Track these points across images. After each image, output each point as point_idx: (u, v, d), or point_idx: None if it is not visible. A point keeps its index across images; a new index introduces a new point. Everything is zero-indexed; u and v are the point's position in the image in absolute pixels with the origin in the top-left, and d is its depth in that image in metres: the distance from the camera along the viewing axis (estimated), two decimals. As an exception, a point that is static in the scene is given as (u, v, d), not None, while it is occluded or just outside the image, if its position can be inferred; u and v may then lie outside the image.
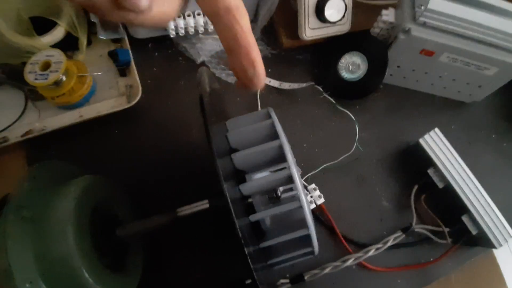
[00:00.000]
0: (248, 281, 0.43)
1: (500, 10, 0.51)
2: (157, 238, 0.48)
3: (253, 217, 0.35)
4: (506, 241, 0.51)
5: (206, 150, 0.30)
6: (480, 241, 0.53)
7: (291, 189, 0.43)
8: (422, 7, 0.50)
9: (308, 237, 0.36)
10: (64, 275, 0.33)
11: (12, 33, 0.50)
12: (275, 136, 0.36)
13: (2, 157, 0.52)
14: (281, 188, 0.42)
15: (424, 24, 0.51)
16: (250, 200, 0.38)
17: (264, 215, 0.35)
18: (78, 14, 0.54)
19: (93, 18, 0.53)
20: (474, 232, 0.52)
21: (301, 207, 0.34)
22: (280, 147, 0.35)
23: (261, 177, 0.35)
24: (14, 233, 0.32)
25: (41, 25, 0.53)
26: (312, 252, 0.39)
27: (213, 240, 0.49)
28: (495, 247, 0.51)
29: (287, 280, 0.49)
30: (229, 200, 0.28)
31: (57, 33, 0.53)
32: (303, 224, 0.35)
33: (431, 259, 0.52)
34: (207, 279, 0.48)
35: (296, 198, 0.35)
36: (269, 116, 0.38)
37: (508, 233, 0.51)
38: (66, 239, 0.32)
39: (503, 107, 0.63)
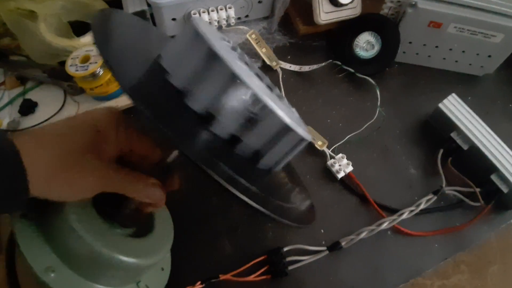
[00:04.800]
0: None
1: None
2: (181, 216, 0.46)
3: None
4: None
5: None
6: (513, 201, 0.53)
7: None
8: (426, -18, 0.55)
9: (286, 127, 0.31)
10: (83, 256, 0.33)
11: (53, 36, 0.55)
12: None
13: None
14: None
15: (429, -3, 0.55)
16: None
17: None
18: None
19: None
20: (505, 190, 0.52)
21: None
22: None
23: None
24: (23, 234, 0.32)
25: (80, 28, 0.58)
26: (301, 139, 0.32)
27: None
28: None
29: (325, 248, 0.49)
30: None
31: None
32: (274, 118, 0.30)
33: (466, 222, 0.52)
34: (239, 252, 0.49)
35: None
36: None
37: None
38: (74, 231, 0.32)
39: (515, 78, 0.65)
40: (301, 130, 0.31)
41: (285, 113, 0.29)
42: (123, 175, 0.31)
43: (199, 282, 0.44)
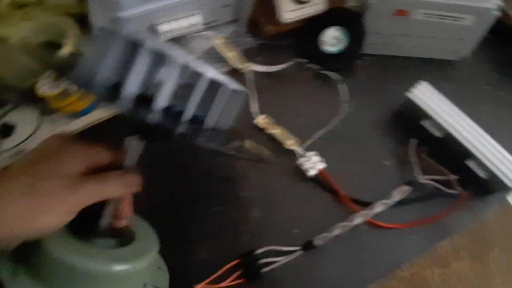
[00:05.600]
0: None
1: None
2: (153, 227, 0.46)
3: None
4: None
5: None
6: (494, 186, 0.52)
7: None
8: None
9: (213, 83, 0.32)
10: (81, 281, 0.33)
11: (28, 59, 0.57)
12: None
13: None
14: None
15: (391, -14, 0.54)
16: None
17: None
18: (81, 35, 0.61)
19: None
20: (483, 175, 0.51)
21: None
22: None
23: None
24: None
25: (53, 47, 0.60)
26: (239, 92, 0.35)
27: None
28: (509, 187, 0.50)
29: (299, 247, 0.49)
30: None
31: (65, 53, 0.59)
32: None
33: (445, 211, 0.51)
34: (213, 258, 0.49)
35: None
36: None
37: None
38: (62, 260, 0.31)
39: (492, 59, 0.64)
40: (232, 83, 0.33)
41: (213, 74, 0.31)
42: (94, 178, 0.32)
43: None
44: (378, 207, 0.50)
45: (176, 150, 0.53)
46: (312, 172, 0.53)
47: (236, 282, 0.47)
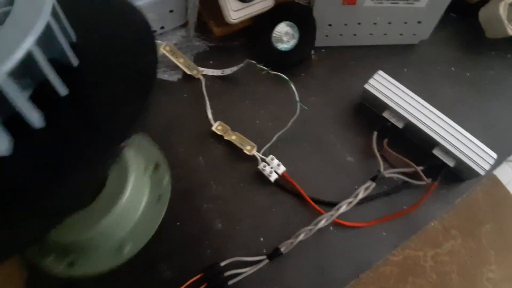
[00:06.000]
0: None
1: None
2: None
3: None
4: (489, 163, 0.48)
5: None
6: (463, 173, 0.50)
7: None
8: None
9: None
10: None
11: None
12: None
13: None
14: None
15: (333, -26, 0.52)
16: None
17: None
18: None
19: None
20: (450, 163, 0.49)
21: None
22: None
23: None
24: None
25: None
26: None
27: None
28: (479, 174, 0.48)
29: (264, 257, 0.47)
30: None
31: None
32: None
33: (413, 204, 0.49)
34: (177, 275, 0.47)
35: None
36: None
37: (489, 154, 0.48)
38: None
39: (454, 38, 0.61)
40: None
41: None
42: None
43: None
44: (343, 207, 0.48)
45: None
46: (273, 177, 0.51)
47: (201, 297, 0.45)
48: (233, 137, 0.53)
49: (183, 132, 0.55)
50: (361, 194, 0.49)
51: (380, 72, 0.52)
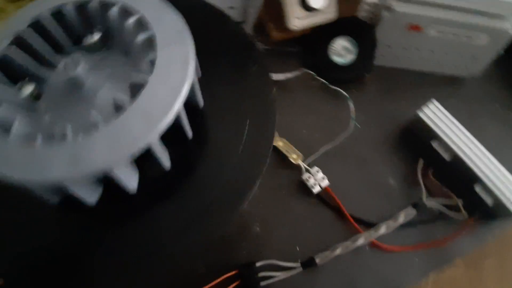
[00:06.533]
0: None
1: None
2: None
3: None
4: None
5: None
6: (499, 212, 0.51)
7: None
8: (403, -17, 0.52)
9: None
10: None
11: None
12: None
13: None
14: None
15: (407, 0, 0.52)
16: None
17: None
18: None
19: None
20: (489, 201, 0.50)
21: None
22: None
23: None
24: None
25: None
26: None
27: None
28: (514, 215, 0.49)
29: (299, 264, 0.47)
30: None
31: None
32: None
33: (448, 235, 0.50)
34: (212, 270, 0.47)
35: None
36: None
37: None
38: None
39: (504, 78, 0.62)
40: None
41: None
42: None
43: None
44: (383, 229, 0.49)
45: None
46: (316, 189, 0.51)
47: (233, 293, 0.45)
48: (279, 143, 0.53)
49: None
50: (401, 219, 0.50)
51: (434, 101, 0.53)
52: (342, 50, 0.57)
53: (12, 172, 0.22)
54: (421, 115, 0.52)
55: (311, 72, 0.54)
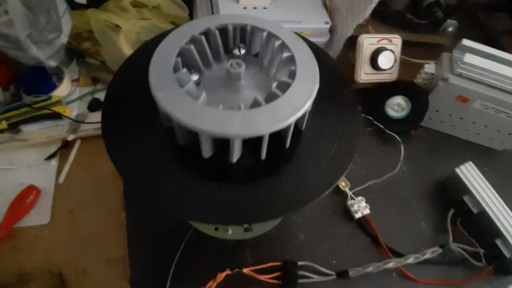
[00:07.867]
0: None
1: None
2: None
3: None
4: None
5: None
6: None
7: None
8: (458, 62, 0.63)
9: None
10: None
11: (129, 49, 0.67)
12: None
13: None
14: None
15: (460, 75, 0.63)
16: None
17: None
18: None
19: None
20: (508, 255, 0.57)
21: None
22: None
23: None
24: None
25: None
26: None
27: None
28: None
29: (334, 273, 0.55)
30: None
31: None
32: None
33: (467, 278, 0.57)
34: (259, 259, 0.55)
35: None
36: None
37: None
38: None
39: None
40: None
41: None
42: None
43: (228, 269, 0.52)
44: (411, 259, 0.56)
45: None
46: (358, 215, 0.60)
47: (273, 281, 0.53)
48: (333, 171, 0.62)
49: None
50: (428, 255, 0.57)
51: (470, 162, 0.62)
52: (396, 106, 0.68)
53: (199, 123, 0.32)
54: (458, 172, 0.61)
55: (370, 117, 0.65)
